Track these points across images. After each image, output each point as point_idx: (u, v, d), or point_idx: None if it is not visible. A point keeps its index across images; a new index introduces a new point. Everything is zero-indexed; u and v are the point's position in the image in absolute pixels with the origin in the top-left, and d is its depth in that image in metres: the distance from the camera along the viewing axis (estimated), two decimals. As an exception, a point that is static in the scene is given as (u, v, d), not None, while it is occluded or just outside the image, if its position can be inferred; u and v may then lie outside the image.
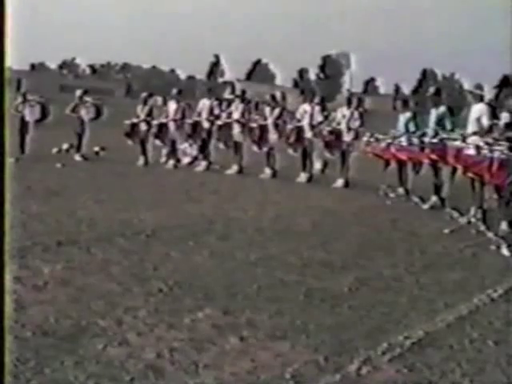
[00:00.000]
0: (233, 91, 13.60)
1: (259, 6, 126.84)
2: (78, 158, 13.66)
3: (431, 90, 9.63)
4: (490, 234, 7.01)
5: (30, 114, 14.05)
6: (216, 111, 12.75)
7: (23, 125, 13.99)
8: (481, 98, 8.55)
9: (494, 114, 8.01)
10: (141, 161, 13.38)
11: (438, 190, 9.16)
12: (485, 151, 7.41)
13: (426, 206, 9.07)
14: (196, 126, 12.86)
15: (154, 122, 13.26)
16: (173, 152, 13.31)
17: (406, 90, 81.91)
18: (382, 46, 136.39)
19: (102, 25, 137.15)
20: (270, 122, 11.95)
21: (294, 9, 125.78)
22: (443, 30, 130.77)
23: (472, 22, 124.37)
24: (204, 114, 12.82)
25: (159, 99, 13.98)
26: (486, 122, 8.00)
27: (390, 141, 10.11)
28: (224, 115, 12.58)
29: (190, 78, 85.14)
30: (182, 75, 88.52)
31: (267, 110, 12.20)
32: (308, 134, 11.53)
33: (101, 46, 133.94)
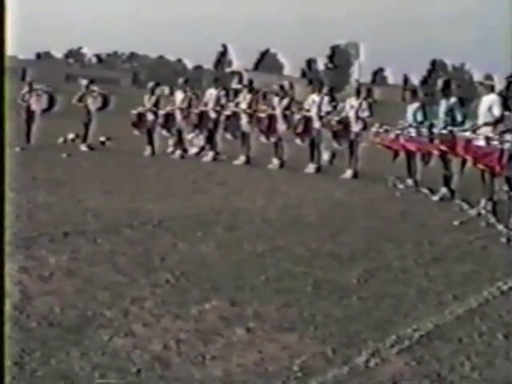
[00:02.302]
0: (240, 81, 13.52)
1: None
2: (83, 147, 13.64)
3: (439, 83, 9.41)
4: (500, 227, 6.94)
5: (37, 104, 14.01)
6: (223, 101, 12.69)
7: (29, 114, 13.96)
8: (491, 89, 8.45)
9: (505, 105, 7.92)
10: (147, 151, 13.36)
11: (447, 181, 9.08)
12: (495, 142, 7.33)
13: (435, 198, 9.00)
14: (203, 116, 12.81)
15: (161, 112, 13.21)
16: (180, 142, 13.28)
17: (416, 80, 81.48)
18: (392, 35, 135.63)
19: (109, 14, 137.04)
20: (278, 112, 11.89)
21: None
22: (453, 19, 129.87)
23: (482, 11, 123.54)
24: (211, 104, 12.77)
25: (166, 89, 13.93)
26: (497, 112, 7.90)
27: (398, 131, 10.04)
28: (231, 105, 12.52)
29: (197, 67, 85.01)
30: (189, 65, 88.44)
31: (275, 100, 12.13)
32: (316, 124, 11.47)
33: (107, 35, 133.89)
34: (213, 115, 12.73)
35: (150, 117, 13.40)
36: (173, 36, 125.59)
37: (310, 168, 11.48)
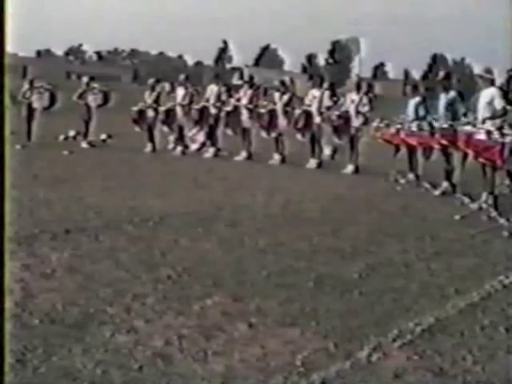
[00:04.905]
0: (241, 77, 13.50)
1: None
2: (84, 145, 13.64)
3: (441, 74, 9.48)
4: (502, 220, 6.93)
5: (38, 101, 14.02)
6: (224, 97, 12.69)
7: (30, 112, 13.97)
8: (491, 82, 8.43)
9: (505, 98, 7.89)
10: (148, 147, 13.36)
11: (448, 175, 9.07)
12: (496, 136, 7.31)
13: (436, 192, 8.99)
14: (203, 112, 12.80)
15: (162, 109, 13.20)
16: (180, 138, 13.27)
17: (416, 75, 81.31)
18: (392, 30, 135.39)
19: (109, 11, 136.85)
20: (279, 107, 11.88)
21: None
22: (453, 14, 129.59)
23: (483, 6, 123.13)
24: (212, 100, 12.76)
25: (167, 85, 13.91)
26: (498, 105, 7.88)
27: (399, 126, 10.02)
28: (232, 101, 12.51)
29: (198, 63, 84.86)
30: (190, 61, 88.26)
31: (276, 95, 12.13)
32: (317, 119, 11.45)
33: (108, 33, 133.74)
34: (214, 111, 12.72)
35: (150, 113, 13.39)
36: (173, 32, 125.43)
37: (311, 163, 11.47)
